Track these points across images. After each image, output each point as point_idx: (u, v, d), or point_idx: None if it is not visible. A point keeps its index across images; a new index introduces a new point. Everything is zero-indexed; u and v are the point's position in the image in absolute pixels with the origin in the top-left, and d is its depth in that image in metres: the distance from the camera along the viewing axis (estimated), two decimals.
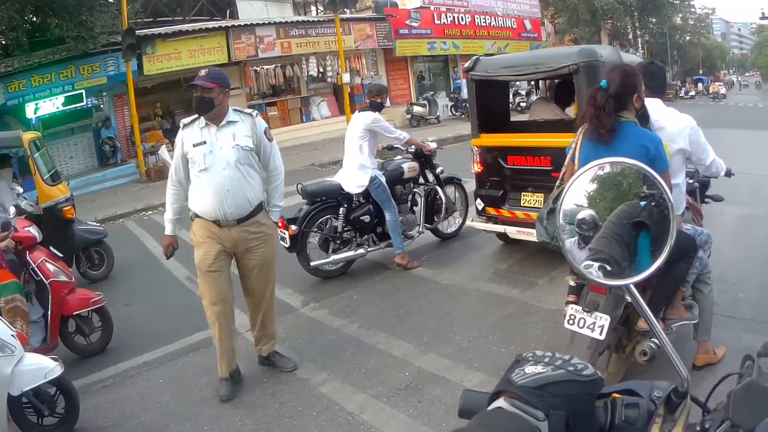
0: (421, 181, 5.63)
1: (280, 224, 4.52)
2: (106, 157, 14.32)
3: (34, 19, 13.38)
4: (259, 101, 16.32)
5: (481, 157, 5.02)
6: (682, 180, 2.84)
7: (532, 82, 13.14)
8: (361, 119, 5.03)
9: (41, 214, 5.39)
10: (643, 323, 2.58)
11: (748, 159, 8.59)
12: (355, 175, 4.99)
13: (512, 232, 4.80)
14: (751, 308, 3.66)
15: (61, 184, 6.07)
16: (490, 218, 5.04)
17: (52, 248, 4.10)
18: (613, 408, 0.89)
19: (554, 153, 4.26)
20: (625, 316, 2.63)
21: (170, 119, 15.15)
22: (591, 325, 2.50)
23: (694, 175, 3.37)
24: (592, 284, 2.52)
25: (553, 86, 5.71)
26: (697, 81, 39.94)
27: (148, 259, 6.68)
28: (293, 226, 4.76)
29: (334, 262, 5.03)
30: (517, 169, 4.82)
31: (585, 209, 1.35)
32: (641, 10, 35.65)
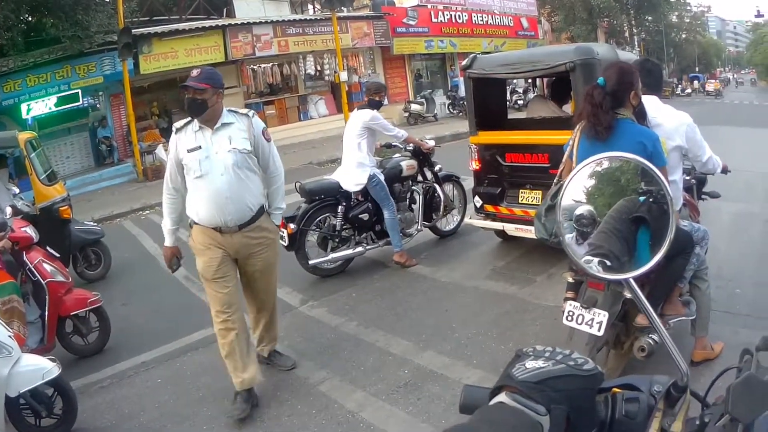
0: (420, 178, 5.64)
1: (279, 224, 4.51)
2: (103, 157, 14.28)
3: (30, 19, 13.30)
4: (257, 100, 16.34)
5: (479, 155, 5.03)
6: (679, 177, 2.85)
7: (530, 80, 13.13)
8: (360, 117, 5.03)
9: (38, 214, 5.37)
10: (641, 319, 2.59)
11: (744, 156, 8.61)
12: (353, 173, 4.99)
13: (510, 229, 4.81)
14: (748, 304, 3.68)
15: (58, 184, 6.04)
16: (489, 215, 5.04)
17: (49, 248, 4.06)
18: (613, 402, 0.89)
19: (552, 150, 4.27)
20: (624, 312, 2.64)
21: (167, 118, 15.13)
22: (589, 322, 2.51)
23: (691, 172, 3.38)
24: (592, 280, 2.53)
25: (550, 84, 5.72)
26: (693, 78, 40.11)
27: (146, 259, 6.67)
28: (292, 225, 4.76)
29: (333, 261, 5.03)
30: (515, 166, 4.83)
31: (584, 205, 1.35)
32: (637, 8, 35.80)
